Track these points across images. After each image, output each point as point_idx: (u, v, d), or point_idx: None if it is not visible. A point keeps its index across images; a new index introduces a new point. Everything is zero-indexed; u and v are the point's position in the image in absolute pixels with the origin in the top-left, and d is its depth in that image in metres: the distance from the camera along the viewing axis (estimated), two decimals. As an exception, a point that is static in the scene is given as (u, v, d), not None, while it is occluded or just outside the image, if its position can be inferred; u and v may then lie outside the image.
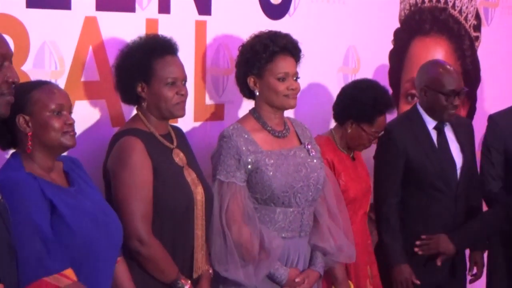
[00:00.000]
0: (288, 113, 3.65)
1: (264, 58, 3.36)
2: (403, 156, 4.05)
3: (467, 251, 4.31)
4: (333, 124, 4.05)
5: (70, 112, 2.79)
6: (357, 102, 3.85)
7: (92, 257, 2.75)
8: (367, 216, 4.08)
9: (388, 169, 4.10)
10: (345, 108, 3.90)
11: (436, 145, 4.09)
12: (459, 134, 4.16)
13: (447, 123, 4.11)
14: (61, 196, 2.72)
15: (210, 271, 3.28)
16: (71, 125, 2.76)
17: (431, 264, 4.03)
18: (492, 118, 4.32)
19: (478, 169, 4.32)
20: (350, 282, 3.72)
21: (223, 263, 3.28)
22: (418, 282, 3.98)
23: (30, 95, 2.71)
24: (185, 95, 3.18)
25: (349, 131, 3.90)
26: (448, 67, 4.09)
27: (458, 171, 4.09)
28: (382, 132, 3.96)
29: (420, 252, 4.00)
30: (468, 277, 4.31)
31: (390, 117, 4.15)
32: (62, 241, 2.66)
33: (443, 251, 3.98)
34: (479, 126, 4.60)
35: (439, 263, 3.97)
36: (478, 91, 5.42)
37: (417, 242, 4.00)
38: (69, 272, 2.63)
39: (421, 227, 4.06)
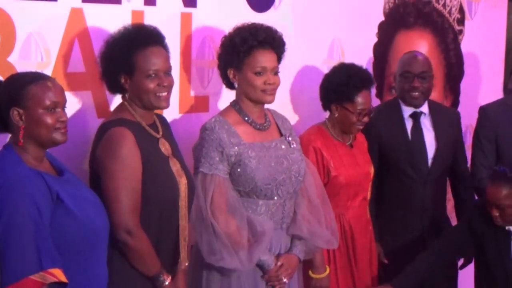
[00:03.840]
0: (272, 106, 3.66)
1: (242, 52, 3.34)
2: (376, 141, 4.18)
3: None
4: (318, 117, 4.08)
5: (64, 108, 2.78)
6: (333, 84, 3.90)
7: (96, 245, 2.78)
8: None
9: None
10: (326, 94, 3.94)
11: (409, 132, 4.20)
12: (438, 123, 4.24)
13: (425, 112, 4.22)
14: (63, 187, 2.72)
15: (186, 263, 3.28)
16: (64, 122, 2.76)
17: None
18: (483, 109, 4.41)
19: (469, 160, 4.40)
20: (326, 266, 3.74)
21: (215, 253, 3.27)
22: (385, 261, 4.15)
23: (26, 89, 2.71)
24: (167, 86, 3.14)
25: (336, 115, 3.93)
26: (415, 52, 4.27)
27: (430, 160, 4.19)
28: (370, 109, 3.97)
29: None
30: None
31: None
32: (69, 233, 2.67)
33: None
34: (463, 119, 4.63)
35: None
36: (462, 85, 5.47)
37: None
38: (57, 271, 2.59)
39: (392, 210, 4.22)
